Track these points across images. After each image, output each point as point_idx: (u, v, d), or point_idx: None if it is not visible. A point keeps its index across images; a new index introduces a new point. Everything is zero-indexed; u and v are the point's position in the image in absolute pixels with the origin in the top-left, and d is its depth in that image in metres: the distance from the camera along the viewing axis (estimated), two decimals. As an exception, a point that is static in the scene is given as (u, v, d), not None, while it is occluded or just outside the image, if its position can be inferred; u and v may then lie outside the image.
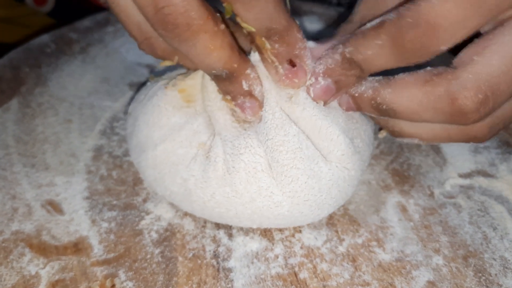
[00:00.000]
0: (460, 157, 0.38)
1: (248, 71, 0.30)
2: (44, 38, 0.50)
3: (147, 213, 0.34)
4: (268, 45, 0.28)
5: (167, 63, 0.31)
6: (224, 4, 0.27)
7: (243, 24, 0.28)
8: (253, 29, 0.28)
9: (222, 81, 0.29)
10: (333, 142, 0.31)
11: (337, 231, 0.33)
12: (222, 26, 0.27)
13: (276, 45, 0.28)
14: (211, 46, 0.27)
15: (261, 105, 0.31)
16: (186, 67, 0.33)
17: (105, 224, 0.33)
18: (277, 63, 0.29)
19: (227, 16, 0.27)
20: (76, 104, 0.43)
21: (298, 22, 0.29)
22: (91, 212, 0.34)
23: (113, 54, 0.49)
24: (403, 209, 0.35)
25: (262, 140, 0.30)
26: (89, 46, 0.50)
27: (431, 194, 0.36)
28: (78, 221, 0.33)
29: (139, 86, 0.45)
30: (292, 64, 0.29)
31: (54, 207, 0.34)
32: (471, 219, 0.34)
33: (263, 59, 0.30)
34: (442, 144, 0.40)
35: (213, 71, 0.28)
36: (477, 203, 0.35)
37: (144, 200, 0.35)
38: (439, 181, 0.37)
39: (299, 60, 0.29)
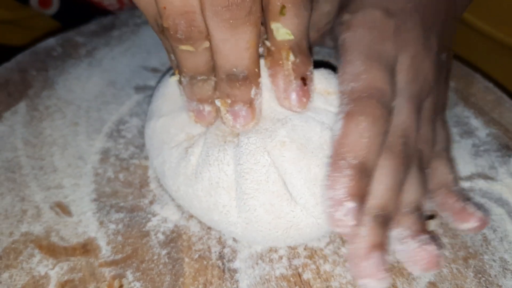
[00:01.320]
0: (461, 160, 0.39)
1: (259, 80, 0.29)
2: (51, 41, 0.51)
3: (154, 215, 0.35)
4: (292, 57, 0.29)
5: (188, 47, 0.28)
6: (279, 4, 0.27)
7: (282, 30, 0.28)
8: (292, 37, 0.28)
9: (234, 82, 0.28)
10: (307, 189, 0.29)
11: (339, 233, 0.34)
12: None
13: (297, 60, 0.29)
14: (253, 42, 0.27)
15: (255, 118, 0.30)
16: (187, 62, 0.29)
17: (112, 226, 0.34)
18: (292, 78, 0.29)
19: (277, 17, 0.28)
20: (83, 107, 0.44)
21: None
22: (99, 214, 0.35)
23: (119, 57, 0.50)
24: (405, 211, 0.35)
25: (235, 163, 0.30)
26: (95, 49, 0.51)
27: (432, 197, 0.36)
28: (86, 222, 0.34)
29: (145, 90, 0.46)
30: (304, 82, 0.29)
31: (62, 209, 0.35)
32: (472, 221, 0.35)
33: (274, 74, 0.30)
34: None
35: (233, 69, 0.28)
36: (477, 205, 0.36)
37: (151, 202, 0.36)
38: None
39: (309, 82, 0.30)
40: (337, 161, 0.27)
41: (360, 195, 0.27)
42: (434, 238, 0.30)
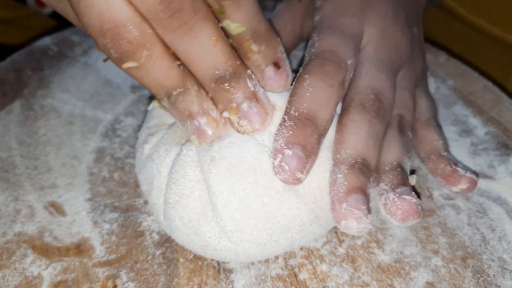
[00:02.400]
0: (459, 159, 0.39)
1: (249, 71, 0.28)
2: (46, 40, 0.51)
3: (149, 215, 0.34)
4: (255, 48, 0.28)
5: (130, 64, 0.26)
6: (217, 6, 0.26)
7: (232, 25, 0.27)
8: (243, 28, 0.27)
9: (224, 84, 0.27)
10: (227, 212, 0.28)
11: (336, 233, 0.33)
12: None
13: (262, 47, 0.28)
14: (215, 37, 0.26)
15: (268, 112, 0.28)
16: (143, 80, 0.27)
17: (107, 226, 0.33)
18: (263, 66, 0.29)
19: (221, 16, 0.27)
20: (78, 107, 0.43)
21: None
22: (93, 213, 0.34)
23: (115, 56, 0.50)
24: (402, 211, 0.35)
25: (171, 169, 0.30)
26: (91, 48, 0.50)
27: (430, 196, 0.36)
28: (80, 222, 0.34)
29: (140, 89, 0.46)
30: (277, 66, 0.29)
31: (56, 208, 0.35)
32: (470, 221, 0.34)
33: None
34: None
35: (216, 71, 0.26)
36: (475, 204, 0.35)
37: (146, 202, 0.35)
38: (438, 183, 0.37)
39: (282, 63, 0.30)
40: (283, 117, 0.29)
41: (302, 144, 0.27)
42: (414, 191, 0.31)
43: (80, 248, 0.32)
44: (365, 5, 0.34)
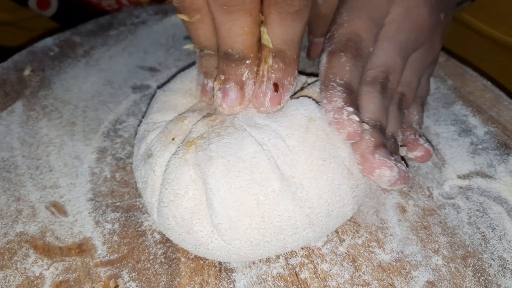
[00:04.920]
0: (459, 159, 0.39)
1: (254, 67, 0.30)
2: (48, 41, 0.51)
3: (150, 215, 0.34)
4: (270, 61, 0.30)
5: (184, 17, 0.31)
6: (266, 10, 0.29)
7: (265, 36, 0.30)
8: (270, 45, 0.30)
9: (229, 60, 0.30)
10: (223, 209, 0.28)
11: (337, 232, 0.33)
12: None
13: (275, 66, 0.30)
14: (247, 29, 0.29)
15: (242, 104, 0.31)
16: (189, 31, 0.32)
17: (108, 226, 0.33)
18: (265, 79, 0.30)
19: (263, 21, 0.30)
20: (80, 107, 0.43)
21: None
22: (95, 213, 0.34)
23: (116, 57, 0.50)
24: (403, 210, 0.35)
25: (165, 169, 0.30)
26: (92, 49, 0.50)
27: (430, 195, 0.36)
28: (82, 222, 0.34)
29: (142, 89, 0.46)
30: (275, 88, 0.30)
31: (58, 208, 0.35)
32: (470, 220, 0.34)
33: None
34: (441, 146, 0.40)
35: (229, 50, 0.30)
36: (475, 204, 0.35)
37: (147, 202, 0.35)
38: (438, 182, 0.37)
39: (282, 90, 0.30)
40: (327, 84, 0.31)
41: (353, 105, 0.30)
42: (403, 159, 0.34)
43: (82, 248, 0.32)
44: None
